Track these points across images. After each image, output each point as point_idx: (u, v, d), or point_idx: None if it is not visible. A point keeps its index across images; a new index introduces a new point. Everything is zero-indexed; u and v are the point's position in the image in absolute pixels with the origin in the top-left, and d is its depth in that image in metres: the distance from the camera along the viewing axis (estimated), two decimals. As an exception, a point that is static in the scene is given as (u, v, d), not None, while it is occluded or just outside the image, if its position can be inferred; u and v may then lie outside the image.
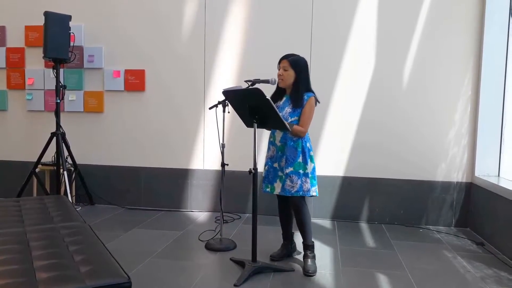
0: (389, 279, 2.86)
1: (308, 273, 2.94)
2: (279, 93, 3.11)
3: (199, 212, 4.52)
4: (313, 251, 3.07)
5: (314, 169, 3.01)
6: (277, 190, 3.03)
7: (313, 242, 3.09)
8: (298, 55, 3.03)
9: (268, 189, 3.09)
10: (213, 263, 3.12)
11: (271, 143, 3.11)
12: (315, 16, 4.24)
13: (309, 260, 3.02)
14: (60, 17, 4.25)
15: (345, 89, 4.24)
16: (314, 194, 2.99)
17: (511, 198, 3.30)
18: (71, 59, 4.42)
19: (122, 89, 4.62)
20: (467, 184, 4.11)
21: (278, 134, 3.05)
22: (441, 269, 3.07)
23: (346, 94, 4.24)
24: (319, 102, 3.06)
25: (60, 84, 4.38)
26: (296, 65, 2.97)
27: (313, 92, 3.01)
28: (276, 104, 3.08)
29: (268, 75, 3.20)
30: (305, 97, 2.96)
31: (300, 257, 3.19)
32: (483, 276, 2.95)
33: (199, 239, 3.59)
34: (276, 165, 3.05)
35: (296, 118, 2.97)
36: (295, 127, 2.91)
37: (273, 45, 4.19)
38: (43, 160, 4.42)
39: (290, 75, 2.97)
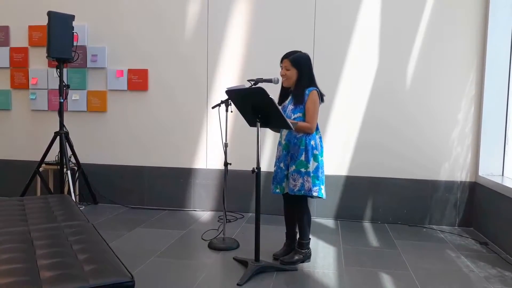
0: (392, 279, 2.85)
1: (283, 261, 3.01)
2: (285, 93, 3.11)
3: (202, 211, 4.52)
4: (304, 249, 3.08)
5: (317, 168, 2.96)
6: (286, 189, 3.04)
7: (308, 240, 3.11)
8: (300, 52, 3.03)
9: (277, 190, 3.07)
10: (216, 262, 3.12)
11: (279, 143, 3.12)
12: (318, 15, 4.23)
13: (294, 253, 3.07)
14: (63, 17, 4.26)
15: (348, 88, 4.23)
16: (315, 194, 2.94)
17: (515, 197, 3.29)
18: (75, 58, 4.43)
19: (125, 88, 4.63)
20: (471, 184, 4.10)
21: (284, 133, 3.05)
22: (444, 269, 3.06)
23: (349, 93, 4.23)
24: (324, 96, 3.05)
25: (64, 84, 4.39)
26: (297, 63, 2.97)
27: (316, 87, 3.00)
28: (282, 104, 3.08)
29: (271, 74, 3.20)
30: (306, 92, 2.96)
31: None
32: (487, 276, 2.93)
33: (202, 238, 3.60)
34: (282, 165, 3.05)
35: (299, 114, 2.96)
36: (300, 124, 2.90)
37: (275, 44, 4.18)
38: (47, 159, 4.43)
39: (293, 73, 2.98)
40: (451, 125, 4.11)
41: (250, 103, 2.82)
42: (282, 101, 3.11)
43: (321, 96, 3.01)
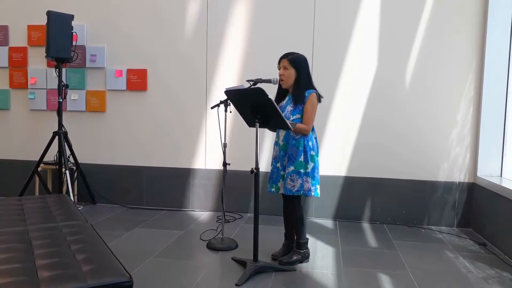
0: (390, 279, 2.85)
1: (282, 261, 3.01)
2: (281, 94, 3.12)
3: (200, 211, 4.52)
4: (302, 249, 3.09)
5: (313, 168, 2.99)
6: (281, 189, 3.04)
7: (306, 240, 3.12)
8: (297, 53, 3.04)
9: (273, 189, 3.10)
10: (214, 262, 3.12)
11: (276, 143, 3.12)
12: (317, 15, 4.23)
13: (293, 254, 3.08)
14: (62, 17, 4.26)
15: (347, 89, 4.23)
16: (312, 193, 2.98)
17: (513, 198, 3.29)
18: (74, 58, 4.43)
19: (124, 88, 4.62)
20: (469, 184, 4.10)
21: (282, 134, 3.06)
22: (443, 270, 3.06)
23: (348, 94, 4.23)
24: (322, 97, 3.07)
25: (63, 84, 4.39)
26: (296, 63, 2.97)
27: (314, 88, 3.01)
28: (279, 104, 3.09)
29: (270, 74, 3.20)
30: (306, 94, 2.97)
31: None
32: (485, 277, 2.94)
33: (201, 239, 3.59)
34: (279, 165, 3.06)
35: (298, 116, 2.97)
36: (298, 125, 2.92)
37: (275, 44, 4.18)
38: (45, 159, 4.42)
39: (291, 73, 2.98)
40: (449, 126, 4.11)
41: (249, 103, 2.83)
42: (279, 101, 3.12)
43: (319, 98, 3.03)
